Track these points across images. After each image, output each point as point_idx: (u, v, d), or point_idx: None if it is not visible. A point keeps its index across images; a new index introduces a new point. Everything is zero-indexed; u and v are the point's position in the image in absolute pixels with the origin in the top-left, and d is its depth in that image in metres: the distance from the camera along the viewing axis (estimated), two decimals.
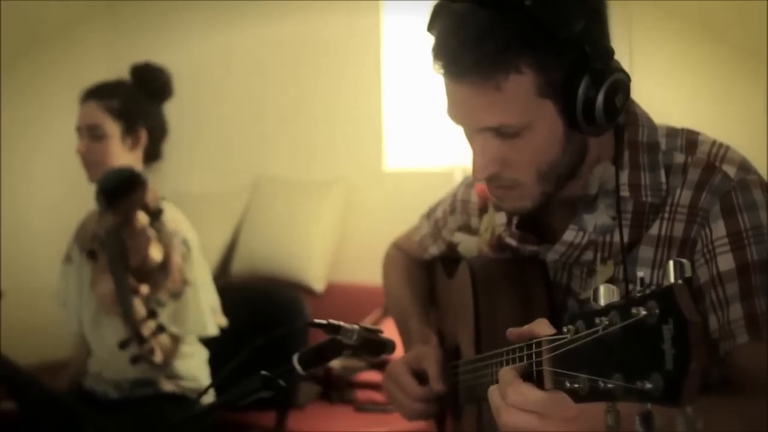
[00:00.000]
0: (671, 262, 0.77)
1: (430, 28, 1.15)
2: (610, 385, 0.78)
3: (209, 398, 2.05)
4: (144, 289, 2.05)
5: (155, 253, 2.08)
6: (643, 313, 0.76)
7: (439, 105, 1.24)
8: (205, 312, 2.29)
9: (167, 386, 2.35)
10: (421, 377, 1.41)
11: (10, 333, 3.29)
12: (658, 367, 0.73)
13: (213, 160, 4.05)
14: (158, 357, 1.98)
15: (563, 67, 1.09)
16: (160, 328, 1.98)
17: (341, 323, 1.22)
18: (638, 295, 0.78)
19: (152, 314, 1.97)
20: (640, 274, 0.85)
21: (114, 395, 2.36)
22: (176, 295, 2.21)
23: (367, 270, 3.28)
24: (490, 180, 1.18)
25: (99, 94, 2.36)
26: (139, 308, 1.99)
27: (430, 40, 1.15)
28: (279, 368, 1.22)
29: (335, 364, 2.97)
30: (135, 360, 1.98)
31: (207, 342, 2.42)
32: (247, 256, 3.64)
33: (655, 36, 2.84)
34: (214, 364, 2.43)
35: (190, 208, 3.79)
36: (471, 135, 1.17)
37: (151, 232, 2.10)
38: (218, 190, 3.91)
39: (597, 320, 0.82)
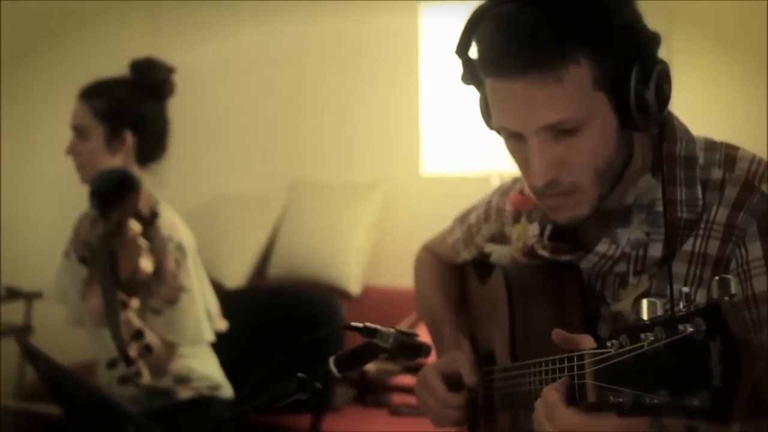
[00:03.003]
0: (716, 279, 0.77)
1: (470, 34, 1.14)
2: (655, 401, 0.78)
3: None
4: (134, 302, 2.02)
5: (146, 265, 2.04)
6: (690, 329, 0.75)
7: (477, 110, 1.23)
8: (202, 319, 2.24)
9: (183, 393, 2.30)
10: (452, 383, 1.40)
11: (47, 332, 3.34)
12: (705, 384, 0.73)
13: (251, 161, 4.07)
14: (145, 378, 1.91)
15: (616, 57, 1.09)
16: (147, 349, 1.92)
17: (378, 326, 1.22)
18: (684, 311, 0.78)
19: (139, 334, 1.91)
20: (684, 289, 0.85)
21: (133, 410, 2.26)
22: (172, 302, 2.17)
23: (403, 274, 3.26)
24: (548, 187, 1.15)
25: (88, 93, 2.32)
26: (131, 323, 1.96)
27: (473, 46, 1.14)
28: (315, 371, 1.22)
29: (370, 367, 2.97)
30: (122, 381, 1.92)
31: (243, 343, 2.41)
32: (284, 259, 3.66)
33: (696, 52, 2.81)
34: (249, 365, 2.43)
35: (228, 210, 3.86)
36: (525, 141, 1.14)
37: (143, 242, 2.06)
38: (256, 192, 3.93)
39: (642, 336, 0.82)
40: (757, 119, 2.65)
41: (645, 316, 0.83)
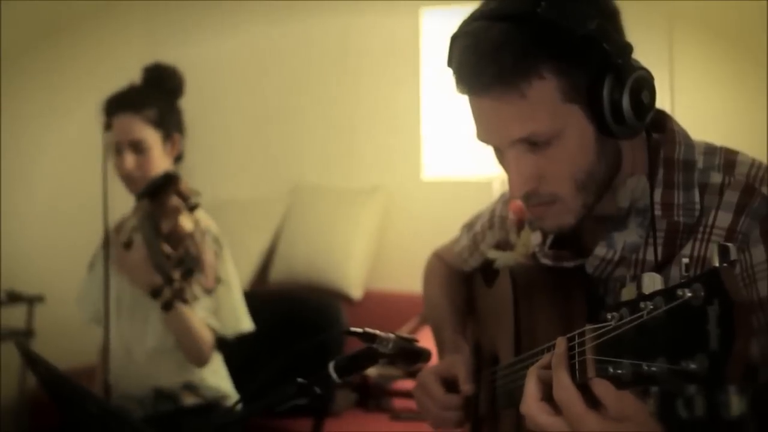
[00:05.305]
0: (716, 246, 0.78)
1: (450, 60, 1.15)
2: (653, 369, 0.78)
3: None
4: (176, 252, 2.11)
5: (186, 222, 2.12)
6: (689, 294, 0.76)
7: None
8: (239, 307, 2.33)
9: (189, 399, 2.33)
10: (450, 386, 1.40)
11: (49, 336, 3.34)
12: (703, 348, 0.73)
13: (253, 166, 4.07)
14: (188, 296, 2.05)
15: (585, 68, 1.08)
16: (190, 271, 2.05)
17: (377, 332, 1.22)
18: (683, 279, 0.78)
19: (180, 262, 2.04)
20: (685, 260, 0.85)
21: (138, 413, 2.30)
22: (209, 292, 2.23)
23: (404, 278, 3.28)
24: (528, 198, 1.16)
25: (133, 105, 2.28)
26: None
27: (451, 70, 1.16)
28: (315, 375, 1.22)
29: (372, 372, 2.97)
30: (167, 306, 2.06)
31: (244, 347, 2.42)
32: (285, 263, 3.66)
33: (696, 53, 2.81)
34: (250, 370, 2.44)
35: (229, 214, 3.86)
36: (503, 153, 1.17)
37: (182, 205, 2.14)
38: (258, 196, 3.94)
39: (642, 305, 0.82)
40: (758, 119, 2.65)
41: (645, 291, 0.83)
